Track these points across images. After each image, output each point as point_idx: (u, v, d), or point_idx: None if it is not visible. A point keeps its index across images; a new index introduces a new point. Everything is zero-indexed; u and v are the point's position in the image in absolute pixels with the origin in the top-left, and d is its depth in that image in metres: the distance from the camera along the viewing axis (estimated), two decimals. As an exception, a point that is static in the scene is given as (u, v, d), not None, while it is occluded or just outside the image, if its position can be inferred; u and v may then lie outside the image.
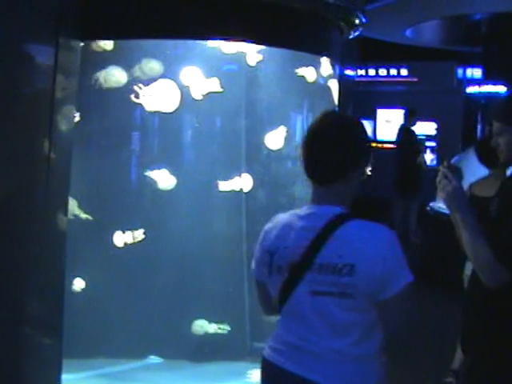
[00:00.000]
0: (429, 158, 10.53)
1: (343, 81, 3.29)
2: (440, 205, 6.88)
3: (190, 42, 2.68)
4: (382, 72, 11.01)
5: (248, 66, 2.86)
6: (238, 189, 2.95)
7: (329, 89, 3.07)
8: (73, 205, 2.71)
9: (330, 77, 3.04)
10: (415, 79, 10.65)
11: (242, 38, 2.58)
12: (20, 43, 2.12)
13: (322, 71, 2.97)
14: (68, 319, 2.43)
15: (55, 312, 2.39)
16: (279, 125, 2.97)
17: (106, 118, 2.83)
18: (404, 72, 10.83)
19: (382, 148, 11.18)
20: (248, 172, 2.98)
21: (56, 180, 2.30)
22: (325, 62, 2.99)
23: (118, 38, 2.60)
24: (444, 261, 5.22)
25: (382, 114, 11.18)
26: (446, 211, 2.04)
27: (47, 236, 2.29)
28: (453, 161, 6.36)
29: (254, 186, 3.00)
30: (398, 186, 7.81)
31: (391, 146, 11.12)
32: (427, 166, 7.75)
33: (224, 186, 2.90)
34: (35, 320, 2.30)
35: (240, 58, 2.79)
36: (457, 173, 2.01)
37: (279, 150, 2.99)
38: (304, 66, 2.92)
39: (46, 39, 2.22)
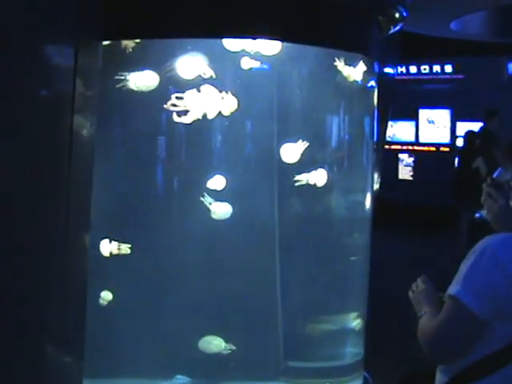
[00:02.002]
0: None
1: (383, 80, 3.26)
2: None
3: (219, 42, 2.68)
4: (425, 69, 10.93)
5: (277, 65, 2.85)
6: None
7: (368, 89, 3.06)
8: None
9: (369, 76, 3.03)
10: (461, 76, 10.55)
11: (270, 35, 2.59)
12: (38, 44, 2.13)
13: (359, 70, 2.95)
14: (92, 335, 2.44)
15: (76, 328, 2.40)
16: (312, 130, 2.97)
17: (131, 124, 2.84)
18: (448, 69, 10.74)
19: (425, 151, 11.12)
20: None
21: (77, 188, 2.31)
22: (363, 60, 2.97)
23: (141, 37, 2.62)
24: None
25: (425, 114, 11.10)
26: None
27: (68, 249, 2.29)
28: (497, 172, 6.28)
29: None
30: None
31: (434, 148, 11.08)
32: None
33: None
34: (55, 337, 2.31)
35: (268, 57, 2.78)
36: (503, 189, 2.01)
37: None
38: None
39: (65, 40, 2.24)
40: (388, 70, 8.52)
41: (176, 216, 2.93)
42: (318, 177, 2.91)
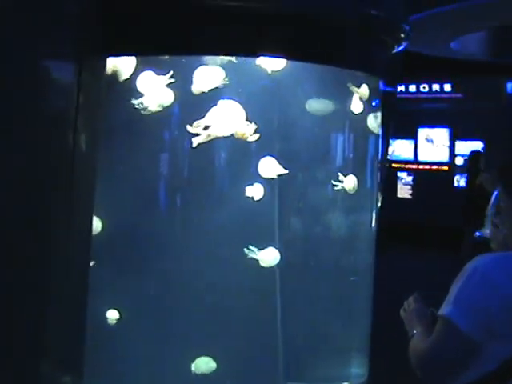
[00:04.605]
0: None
1: (385, 98, 3.24)
2: (488, 231, 6.78)
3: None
4: (424, 88, 10.95)
5: (281, 83, 2.82)
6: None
7: (373, 108, 3.03)
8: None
9: (375, 95, 3.01)
10: (460, 95, 10.57)
11: (273, 53, 2.55)
12: (40, 60, 2.11)
13: (365, 89, 2.93)
14: (97, 355, 2.40)
15: (76, 348, 2.36)
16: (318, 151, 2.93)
17: (140, 143, 2.80)
18: (447, 88, 10.76)
19: (424, 170, 11.12)
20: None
21: (79, 207, 2.28)
22: (368, 79, 2.95)
23: (144, 54, 2.59)
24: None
25: (424, 133, 11.11)
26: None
27: (68, 266, 2.25)
28: (497, 190, 6.25)
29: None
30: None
31: (434, 167, 11.08)
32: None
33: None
34: (54, 356, 2.27)
35: (273, 75, 2.75)
36: None
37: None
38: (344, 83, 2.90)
39: (67, 56, 2.21)
40: (390, 88, 8.56)
41: (179, 240, 2.89)
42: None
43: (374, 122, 3.05)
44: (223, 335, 2.88)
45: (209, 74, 2.63)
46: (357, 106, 2.93)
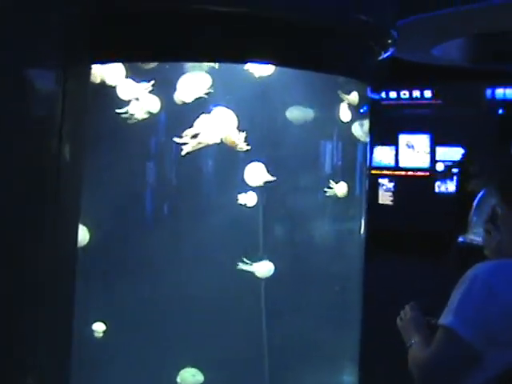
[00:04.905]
0: (456, 186, 10.48)
1: (373, 106, 3.23)
2: (472, 237, 6.79)
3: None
4: (404, 94, 10.99)
5: (269, 88, 2.79)
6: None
7: (361, 115, 3.01)
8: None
9: (363, 102, 2.98)
10: (440, 102, 10.62)
11: (261, 60, 2.51)
12: (23, 67, 2.05)
13: (354, 96, 2.91)
14: (83, 368, 2.35)
15: (62, 361, 2.30)
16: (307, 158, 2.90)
17: (127, 151, 2.75)
18: (428, 94, 10.81)
19: (405, 176, 11.14)
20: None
21: (64, 217, 2.22)
22: (357, 85, 2.93)
23: (130, 61, 2.54)
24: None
25: (405, 139, 11.15)
26: (480, 243, 2.06)
27: (53, 278, 2.18)
28: (480, 195, 6.29)
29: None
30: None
31: (415, 173, 11.11)
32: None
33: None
34: (38, 370, 2.21)
35: (261, 80, 2.72)
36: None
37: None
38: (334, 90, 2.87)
39: (52, 62, 2.15)
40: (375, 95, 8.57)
41: (167, 251, 2.83)
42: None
43: (362, 129, 3.02)
44: (211, 346, 2.84)
45: (193, 82, 2.58)
46: (346, 114, 2.90)
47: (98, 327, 2.79)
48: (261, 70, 2.61)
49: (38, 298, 2.14)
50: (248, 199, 2.74)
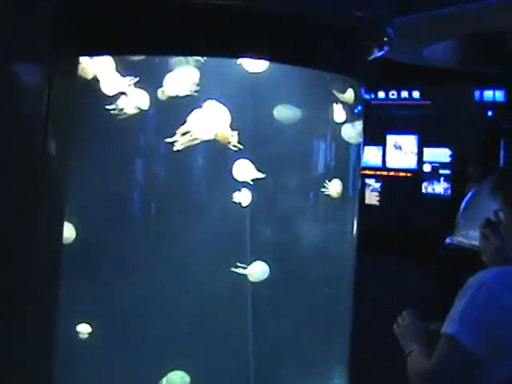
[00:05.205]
0: (443, 187, 10.48)
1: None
2: (460, 239, 6.76)
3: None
4: (393, 95, 10.96)
5: (261, 85, 2.72)
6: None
7: (356, 115, 2.95)
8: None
9: (358, 101, 2.92)
10: (428, 102, 10.60)
11: (254, 55, 2.44)
12: (8, 61, 2.00)
13: (347, 95, 2.85)
14: (68, 370, 2.30)
15: (46, 363, 2.24)
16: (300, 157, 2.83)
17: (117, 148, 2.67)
18: (416, 95, 10.79)
19: (392, 176, 11.12)
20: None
21: (49, 216, 2.16)
22: (351, 84, 2.87)
23: (119, 53, 2.46)
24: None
25: (392, 140, 11.12)
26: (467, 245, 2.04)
27: (36, 277, 2.14)
28: (468, 197, 6.26)
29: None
30: None
31: (402, 174, 11.09)
32: None
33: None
34: (22, 372, 2.15)
35: (253, 76, 2.65)
36: (497, 229, 2.00)
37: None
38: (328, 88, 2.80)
39: (38, 57, 2.09)
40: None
41: (157, 251, 2.76)
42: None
43: (355, 129, 2.96)
44: (198, 349, 2.78)
45: (182, 77, 2.51)
46: (340, 114, 2.84)
47: (84, 328, 2.72)
48: (253, 66, 2.54)
49: (22, 297, 2.09)
50: (242, 197, 2.67)
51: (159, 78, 2.55)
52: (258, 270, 2.72)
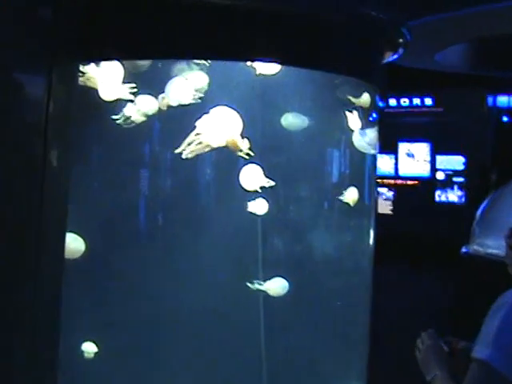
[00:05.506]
0: (456, 195, 10.31)
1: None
2: (475, 247, 6.61)
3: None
4: (404, 102, 10.79)
5: (273, 89, 2.60)
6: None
7: (371, 122, 2.83)
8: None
9: (373, 107, 2.80)
10: (440, 109, 10.44)
11: (268, 58, 2.34)
12: (5, 68, 1.93)
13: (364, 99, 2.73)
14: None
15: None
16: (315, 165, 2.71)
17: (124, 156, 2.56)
18: (428, 101, 10.63)
19: (405, 185, 10.96)
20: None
21: (49, 226, 2.08)
22: (367, 89, 2.75)
23: (124, 58, 2.36)
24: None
25: (405, 147, 10.96)
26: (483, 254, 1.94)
27: (37, 292, 2.05)
28: (484, 204, 6.14)
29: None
30: None
31: (415, 182, 10.93)
32: None
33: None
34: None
35: (264, 80, 2.53)
36: None
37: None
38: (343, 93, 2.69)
39: (37, 63, 2.02)
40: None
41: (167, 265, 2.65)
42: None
43: (370, 137, 2.84)
44: (208, 363, 2.67)
45: (188, 82, 2.40)
46: (355, 121, 2.72)
47: (89, 347, 2.60)
48: (264, 69, 2.42)
49: (20, 312, 2.01)
50: (257, 207, 2.54)
51: (164, 84, 2.45)
52: (276, 286, 2.58)
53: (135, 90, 2.42)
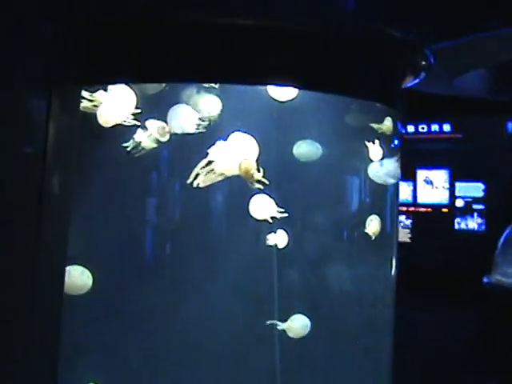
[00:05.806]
0: (476, 222, 10.13)
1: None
2: (498, 277, 6.40)
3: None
4: (423, 128, 10.68)
5: (289, 115, 2.48)
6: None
7: (393, 148, 2.70)
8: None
9: (395, 133, 2.67)
10: (460, 135, 10.30)
11: (280, 81, 2.19)
12: (3, 90, 1.85)
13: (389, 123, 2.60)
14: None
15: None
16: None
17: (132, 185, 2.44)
18: (447, 128, 10.50)
19: (424, 212, 10.80)
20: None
21: (47, 259, 1.96)
22: (389, 114, 2.62)
23: (131, 81, 2.23)
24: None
25: (423, 174, 10.82)
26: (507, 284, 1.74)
27: (34, 330, 1.95)
28: (506, 232, 5.95)
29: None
30: None
31: (434, 209, 10.76)
32: None
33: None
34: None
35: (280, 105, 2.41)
36: None
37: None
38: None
39: (35, 88, 1.93)
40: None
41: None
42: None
43: (391, 166, 2.71)
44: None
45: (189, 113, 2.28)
46: (376, 150, 2.58)
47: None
48: (280, 94, 2.29)
49: (15, 351, 1.91)
50: (278, 240, 2.40)
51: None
52: (297, 325, 2.42)
53: (144, 115, 2.29)
